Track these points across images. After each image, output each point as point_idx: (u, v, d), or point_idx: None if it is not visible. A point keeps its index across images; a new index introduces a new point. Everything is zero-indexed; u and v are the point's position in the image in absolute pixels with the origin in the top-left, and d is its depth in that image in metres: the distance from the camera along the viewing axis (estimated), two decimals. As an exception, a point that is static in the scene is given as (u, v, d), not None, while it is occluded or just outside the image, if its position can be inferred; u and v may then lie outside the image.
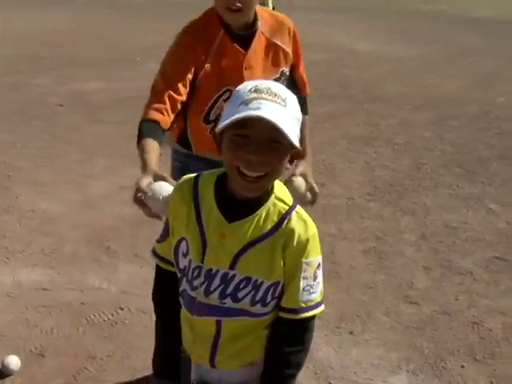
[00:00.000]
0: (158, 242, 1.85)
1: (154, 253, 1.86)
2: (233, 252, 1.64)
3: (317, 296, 1.71)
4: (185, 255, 1.71)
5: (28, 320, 3.70)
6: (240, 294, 1.67)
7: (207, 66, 2.49)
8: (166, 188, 1.90)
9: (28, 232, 4.84)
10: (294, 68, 2.76)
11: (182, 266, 1.73)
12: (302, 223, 1.65)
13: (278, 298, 1.70)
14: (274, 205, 1.65)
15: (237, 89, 1.58)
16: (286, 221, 1.64)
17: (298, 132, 1.56)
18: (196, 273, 1.70)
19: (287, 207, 1.66)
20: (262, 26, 2.57)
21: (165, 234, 1.81)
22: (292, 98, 1.56)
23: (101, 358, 3.38)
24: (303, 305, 1.68)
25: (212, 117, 2.57)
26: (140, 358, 3.31)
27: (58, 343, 3.51)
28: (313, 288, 1.69)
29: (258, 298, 1.67)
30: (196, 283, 1.70)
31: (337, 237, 4.84)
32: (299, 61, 2.78)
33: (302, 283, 1.66)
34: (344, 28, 17.59)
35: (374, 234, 4.90)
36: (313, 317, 1.72)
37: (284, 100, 1.51)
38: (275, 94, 1.51)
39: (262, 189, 1.60)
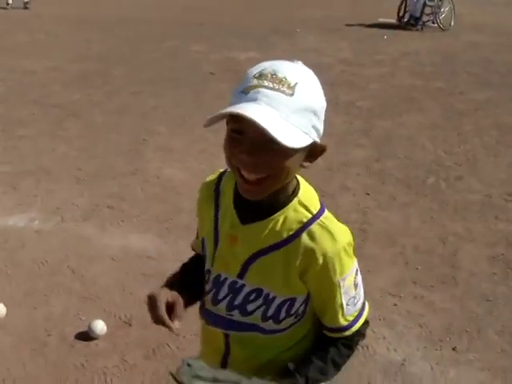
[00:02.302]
0: (195, 238, 1.70)
1: (192, 246, 1.73)
2: (242, 259, 1.44)
3: (361, 301, 1.50)
4: (206, 256, 1.57)
5: (124, 286, 3.74)
6: (250, 307, 1.46)
7: None
8: None
9: (147, 197, 4.93)
10: None
11: (206, 267, 1.57)
12: (328, 236, 1.38)
13: (296, 316, 1.48)
14: (296, 210, 1.40)
15: (247, 70, 1.32)
16: (304, 233, 1.38)
17: (313, 123, 1.28)
18: (207, 276, 1.54)
19: (310, 216, 1.40)
20: None
21: (198, 232, 1.67)
22: (306, 84, 1.27)
23: (184, 336, 3.31)
24: (351, 318, 1.47)
25: None
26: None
27: (147, 314, 3.48)
28: (356, 297, 1.47)
29: (269, 314, 1.45)
30: (206, 288, 1.54)
31: (463, 238, 4.39)
32: None
33: (345, 299, 1.44)
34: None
35: (507, 240, 4.37)
36: (363, 323, 1.51)
37: (292, 87, 1.23)
38: (280, 81, 1.23)
39: (264, 192, 1.34)
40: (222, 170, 1.56)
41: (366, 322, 1.54)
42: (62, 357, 3.14)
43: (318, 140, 1.31)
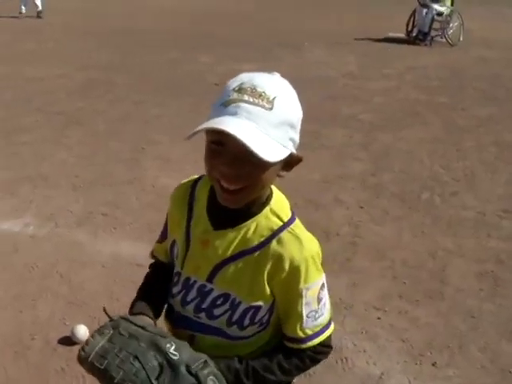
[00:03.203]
0: (157, 242, 1.74)
1: (152, 252, 1.77)
2: (213, 263, 1.48)
3: (324, 319, 1.51)
4: (176, 259, 1.59)
5: (112, 293, 3.77)
6: (216, 312, 1.50)
7: None
8: None
9: (141, 206, 4.97)
10: None
11: (175, 270, 1.60)
12: (296, 243, 1.43)
13: (260, 325, 1.52)
14: (267, 218, 1.45)
15: (227, 83, 1.36)
16: (275, 240, 1.43)
17: (290, 136, 1.33)
18: (176, 279, 1.57)
19: (281, 223, 1.45)
20: None
21: (162, 236, 1.70)
22: (284, 97, 1.31)
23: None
24: (309, 332, 1.49)
25: None
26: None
27: (132, 321, 3.52)
28: (318, 312, 1.49)
29: (234, 320, 1.49)
30: (174, 290, 1.58)
31: (453, 253, 4.39)
32: None
33: (305, 310, 1.47)
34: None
35: (497, 257, 4.37)
36: (323, 342, 1.52)
37: (271, 101, 1.27)
38: (260, 95, 1.27)
39: (242, 201, 1.39)
40: (197, 176, 1.60)
41: (328, 346, 1.55)
42: (44, 361, 3.17)
43: (294, 151, 1.36)
